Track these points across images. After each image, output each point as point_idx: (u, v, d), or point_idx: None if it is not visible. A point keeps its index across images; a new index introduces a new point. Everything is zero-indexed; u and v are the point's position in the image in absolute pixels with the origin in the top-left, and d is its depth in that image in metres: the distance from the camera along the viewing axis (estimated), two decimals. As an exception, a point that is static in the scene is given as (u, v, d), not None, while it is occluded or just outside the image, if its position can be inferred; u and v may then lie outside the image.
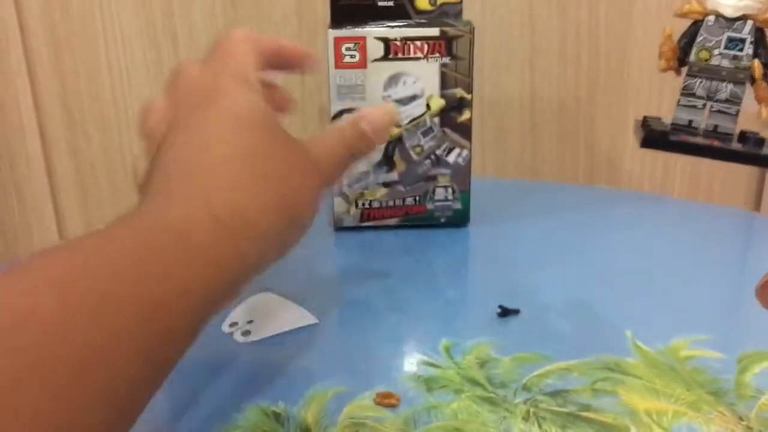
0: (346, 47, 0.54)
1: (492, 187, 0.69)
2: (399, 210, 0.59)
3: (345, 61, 0.54)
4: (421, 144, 0.57)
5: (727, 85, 0.44)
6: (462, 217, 0.59)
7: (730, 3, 0.43)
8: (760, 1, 0.43)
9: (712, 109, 0.45)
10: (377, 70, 0.55)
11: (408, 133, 0.56)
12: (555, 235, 0.59)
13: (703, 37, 0.44)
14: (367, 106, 0.55)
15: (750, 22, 0.43)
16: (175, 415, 0.37)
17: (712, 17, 0.44)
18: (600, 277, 0.51)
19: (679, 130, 0.45)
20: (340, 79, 0.55)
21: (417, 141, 0.57)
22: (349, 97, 0.55)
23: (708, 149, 0.44)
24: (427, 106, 0.56)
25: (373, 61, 0.54)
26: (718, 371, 0.40)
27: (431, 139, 0.57)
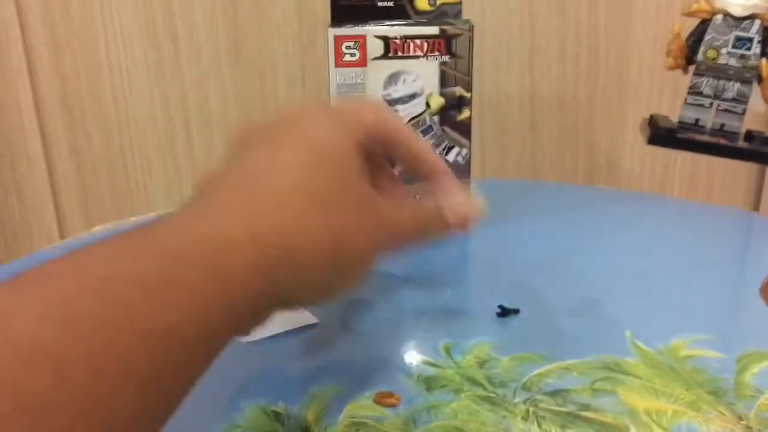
0: (346, 45, 0.54)
1: (492, 187, 0.69)
2: (399, 210, 0.59)
3: (345, 60, 0.54)
4: (421, 143, 0.57)
5: (734, 84, 0.44)
6: (462, 217, 0.59)
7: (738, 2, 0.43)
8: None
9: (719, 107, 0.45)
10: (377, 69, 0.55)
11: (408, 132, 0.57)
12: (554, 235, 0.59)
13: (711, 36, 0.44)
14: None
15: (758, 22, 0.43)
16: (175, 415, 0.37)
17: (720, 16, 0.44)
18: (599, 276, 0.51)
19: (686, 129, 0.45)
20: (340, 78, 0.55)
21: (417, 140, 0.57)
22: (349, 96, 0.55)
23: (714, 147, 0.44)
24: (427, 105, 0.56)
25: (373, 60, 0.55)
26: (718, 371, 0.40)
27: (431, 137, 0.57)
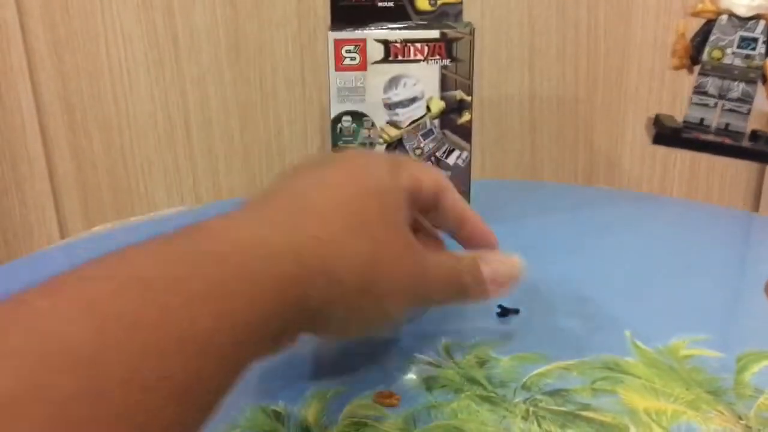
0: (346, 49, 0.54)
1: (492, 187, 0.69)
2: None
3: (345, 64, 0.54)
4: (422, 146, 0.57)
5: (739, 84, 0.44)
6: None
7: (744, 2, 0.43)
8: None
9: (724, 107, 0.45)
10: (377, 73, 0.55)
11: (408, 135, 0.57)
12: (554, 234, 0.59)
13: (716, 36, 0.44)
14: (367, 108, 0.55)
15: (763, 22, 0.43)
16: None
17: (725, 16, 0.44)
18: (599, 276, 0.52)
19: (691, 128, 0.45)
20: (341, 82, 0.55)
21: (417, 143, 0.57)
22: (349, 100, 0.55)
23: (719, 147, 0.45)
24: (428, 108, 0.56)
25: (373, 64, 0.55)
26: (717, 370, 0.40)
27: (431, 141, 0.57)
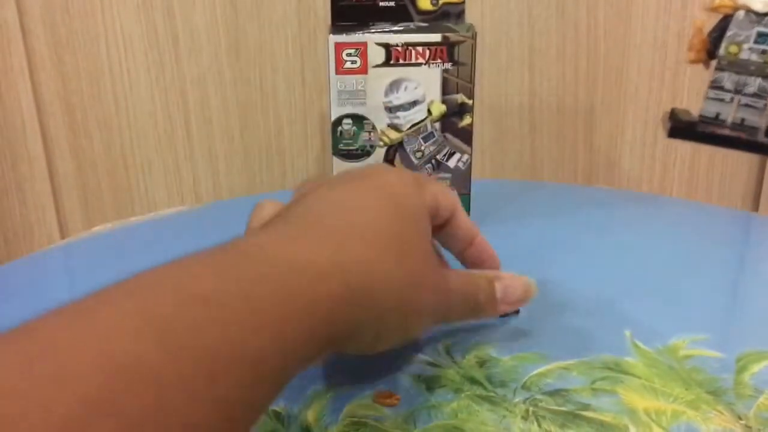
0: (346, 53, 0.54)
1: (492, 187, 0.69)
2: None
3: (346, 67, 0.54)
4: (422, 149, 0.57)
5: (756, 79, 0.44)
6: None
7: None
8: None
9: (740, 102, 0.45)
10: (378, 76, 0.55)
11: (409, 138, 0.57)
12: (554, 235, 0.59)
13: (733, 31, 0.44)
14: (368, 111, 0.55)
15: None
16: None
17: (742, 12, 0.44)
18: (598, 276, 0.52)
19: (707, 122, 0.45)
20: (341, 85, 0.55)
21: (418, 146, 0.57)
22: (349, 103, 0.55)
23: (735, 141, 0.45)
24: (428, 112, 0.56)
25: (374, 67, 0.54)
26: (717, 370, 0.40)
27: (432, 144, 0.57)
